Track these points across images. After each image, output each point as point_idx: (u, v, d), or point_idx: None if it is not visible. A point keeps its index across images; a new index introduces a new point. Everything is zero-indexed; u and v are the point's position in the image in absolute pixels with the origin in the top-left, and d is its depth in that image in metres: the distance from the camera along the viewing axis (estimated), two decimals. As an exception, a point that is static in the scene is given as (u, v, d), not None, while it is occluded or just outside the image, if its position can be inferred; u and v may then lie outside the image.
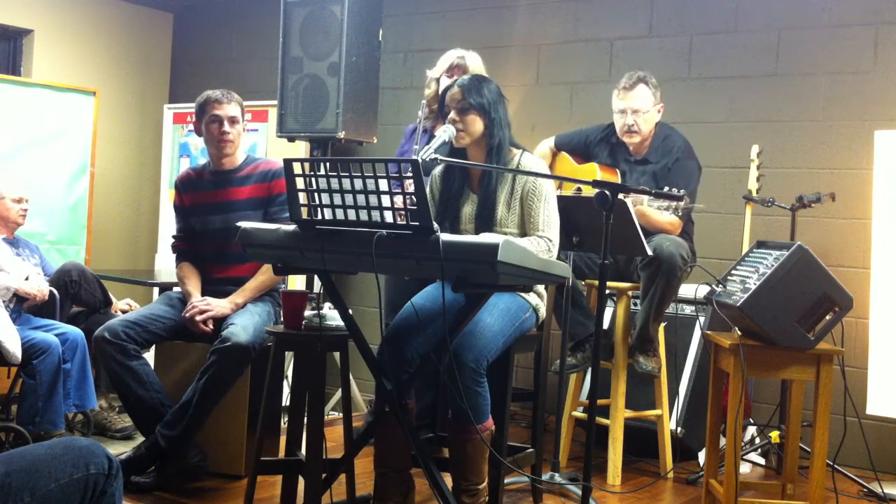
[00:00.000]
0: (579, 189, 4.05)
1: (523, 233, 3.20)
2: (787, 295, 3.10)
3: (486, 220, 3.20)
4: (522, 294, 3.15)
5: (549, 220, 3.18)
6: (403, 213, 2.57)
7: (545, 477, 3.64)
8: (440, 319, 3.04)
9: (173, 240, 4.02)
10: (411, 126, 4.32)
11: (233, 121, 3.85)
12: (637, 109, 4.03)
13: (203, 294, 3.78)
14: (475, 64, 4.14)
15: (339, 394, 5.05)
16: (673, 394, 4.23)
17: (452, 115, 3.20)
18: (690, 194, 3.90)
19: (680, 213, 3.74)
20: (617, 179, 4.04)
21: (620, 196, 3.19)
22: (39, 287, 4.15)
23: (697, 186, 4.03)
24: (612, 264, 3.87)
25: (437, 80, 4.17)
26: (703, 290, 3.42)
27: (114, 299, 4.54)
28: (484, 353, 2.95)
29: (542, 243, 3.13)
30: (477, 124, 3.20)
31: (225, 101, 3.84)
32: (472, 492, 3.04)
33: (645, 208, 3.80)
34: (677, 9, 4.98)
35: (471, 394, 2.93)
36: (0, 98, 5.61)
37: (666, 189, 3.59)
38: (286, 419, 3.33)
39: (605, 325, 4.18)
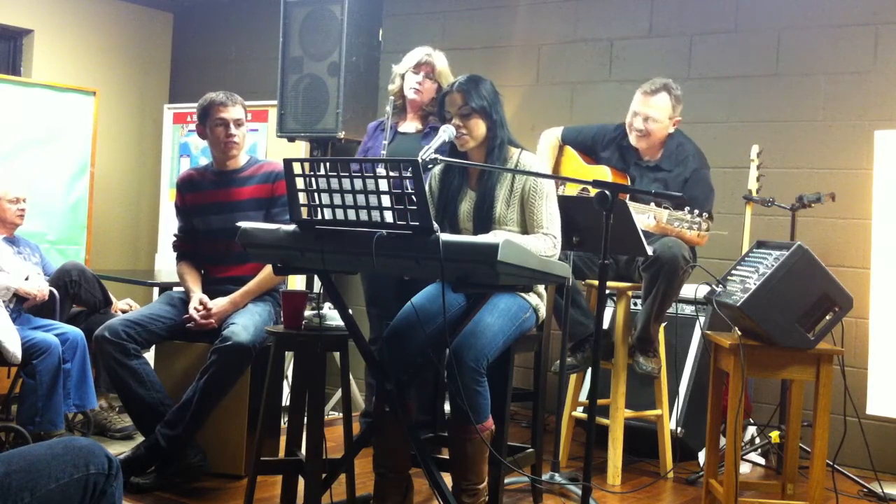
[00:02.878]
0: (585, 189, 4.04)
1: (524, 230, 3.20)
2: (787, 295, 3.10)
3: (483, 218, 3.20)
4: (522, 294, 3.15)
5: (551, 217, 3.18)
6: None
7: (545, 477, 3.64)
8: (440, 319, 3.04)
9: (174, 239, 4.02)
10: (374, 123, 4.29)
11: (238, 123, 3.85)
12: (650, 117, 4.00)
13: (204, 293, 3.79)
14: (442, 63, 4.13)
15: (339, 394, 5.05)
16: (673, 394, 4.23)
17: (456, 120, 3.19)
18: (709, 209, 3.87)
19: (707, 229, 3.68)
20: (627, 183, 4.02)
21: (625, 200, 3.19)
22: (39, 287, 4.15)
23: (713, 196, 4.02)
24: (612, 264, 3.88)
25: (402, 77, 4.16)
26: (703, 290, 3.42)
27: (114, 299, 4.54)
28: (484, 352, 2.96)
29: (548, 240, 3.13)
30: (480, 127, 3.20)
31: (229, 103, 3.84)
32: (471, 491, 3.04)
33: (666, 225, 3.72)
34: (677, 9, 4.98)
35: (471, 393, 2.93)
36: (0, 98, 5.61)
37: (687, 210, 3.60)
38: (286, 419, 3.33)
39: (605, 325, 4.18)
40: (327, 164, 2.71)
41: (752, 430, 4.27)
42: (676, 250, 3.72)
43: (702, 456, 3.99)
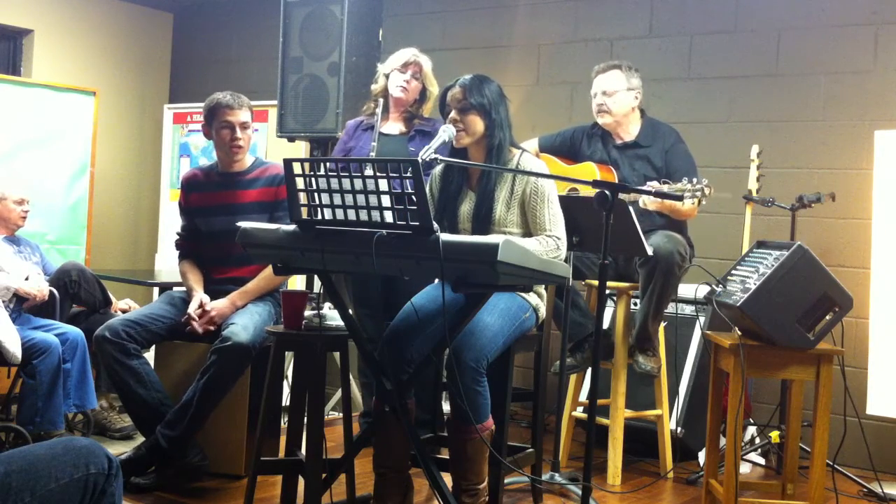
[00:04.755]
0: (574, 189, 4.05)
1: (526, 232, 3.20)
2: (787, 295, 3.10)
3: (483, 220, 3.20)
4: (522, 294, 3.15)
5: (554, 220, 3.18)
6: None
7: (545, 477, 3.63)
8: (440, 319, 3.04)
9: (177, 237, 4.02)
10: (354, 121, 4.25)
11: (244, 126, 3.83)
12: (606, 90, 4.07)
13: (205, 294, 3.79)
14: (428, 65, 4.14)
15: (339, 394, 5.05)
16: (673, 394, 4.23)
17: (453, 114, 3.19)
18: (696, 177, 3.88)
19: (702, 197, 3.70)
20: (614, 177, 4.04)
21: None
22: (39, 287, 4.15)
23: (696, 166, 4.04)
24: (611, 264, 3.88)
25: (387, 76, 4.15)
26: (703, 290, 3.42)
27: (113, 299, 4.54)
28: (484, 352, 2.95)
29: (551, 242, 3.13)
30: (477, 124, 3.19)
31: (236, 106, 3.82)
32: (472, 491, 3.04)
33: (674, 203, 3.76)
34: (677, 9, 4.98)
35: (471, 393, 2.93)
36: (0, 98, 5.61)
37: (686, 180, 3.62)
38: (286, 419, 3.33)
39: (605, 325, 4.17)
40: (327, 164, 2.71)
41: (752, 430, 4.27)
42: (672, 246, 3.73)
43: (702, 456, 3.99)
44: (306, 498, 3.03)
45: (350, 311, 3.13)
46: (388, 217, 2.59)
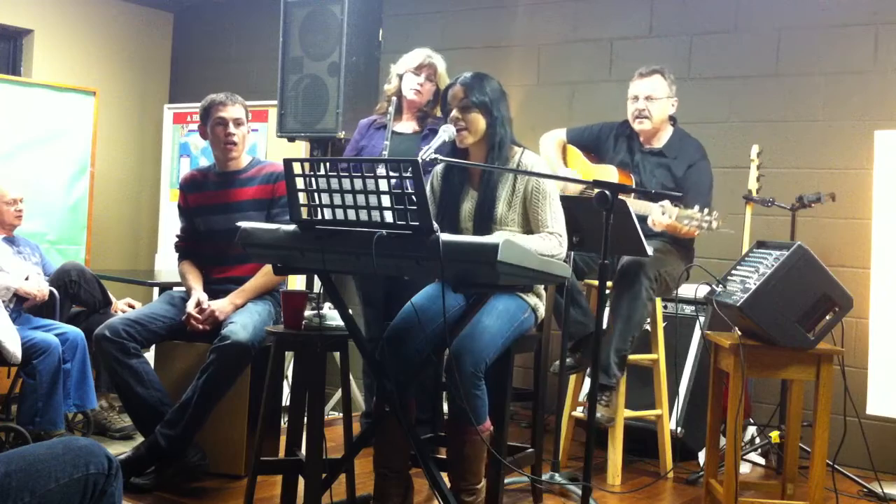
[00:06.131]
0: (589, 188, 4.04)
1: (526, 230, 3.19)
2: (787, 295, 3.10)
3: (484, 218, 3.20)
4: (521, 294, 3.15)
5: (555, 216, 3.18)
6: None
7: (545, 477, 3.63)
8: (440, 319, 3.04)
9: (176, 239, 4.03)
10: (366, 120, 4.26)
11: (237, 122, 3.85)
12: (649, 95, 4.08)
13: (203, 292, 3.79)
14: (442, 66, 4.14)
15: (339, 394, 5.05)
16: (673, 394, 4.23)
17: (455, 113, 3.19)
18: (706, 203, 3.84)
19: (707, 230, 3.63)
20: (632, 183, 4.04)
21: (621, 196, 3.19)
22: (39, 287, 4.15)
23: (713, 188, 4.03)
24: (612, 264, 3.88)
25: (400, 77, 4.15)
26: (703, 290, 3.42)
27: (113, 299, 4.54)
28: (483, 356, 2.95)
29: (553, 239, 3.12)
30: (479, 122, 3.19)
31: (229, 103, 3.84)
32: (470, 491, 3.05)
33: (675, 222, 3.66)
34: (677, 9, 4.98)
35: (469, 397, 2.93)
36: (0, 98, 5.61)
37: (698, 208, 3.60)
38: (286, 419, 3.33)
39: (605, 325, 4.17)
40: (327, 164, 2.71)
41: (752, 430, 4.27)
42: (637, 266, 3.71)
43: (702, 456, 3.99)
44: (306, 498, 3.03)
45: (350, 312, 3.13)
46: (389, 217, 2.59)
